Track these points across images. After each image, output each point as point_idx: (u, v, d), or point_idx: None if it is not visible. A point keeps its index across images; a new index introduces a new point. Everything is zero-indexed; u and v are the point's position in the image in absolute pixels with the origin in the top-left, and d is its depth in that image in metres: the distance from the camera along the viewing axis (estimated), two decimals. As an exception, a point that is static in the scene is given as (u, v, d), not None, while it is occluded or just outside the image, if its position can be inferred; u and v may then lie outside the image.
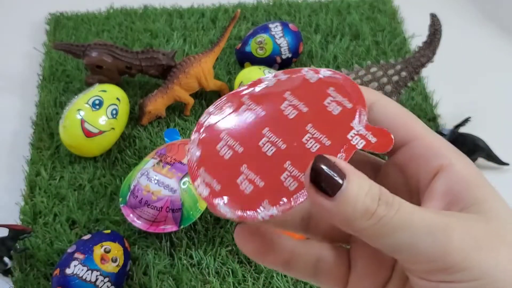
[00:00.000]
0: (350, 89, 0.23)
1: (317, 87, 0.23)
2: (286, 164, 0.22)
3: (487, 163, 0.67)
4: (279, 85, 0.23)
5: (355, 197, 0.19)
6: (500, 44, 0.83)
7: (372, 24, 0.84)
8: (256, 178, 0.22)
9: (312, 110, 0.22)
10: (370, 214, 0.19)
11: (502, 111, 0.74)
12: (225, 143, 0.22)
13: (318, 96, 0.23)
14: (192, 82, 0.69)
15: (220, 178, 0.22)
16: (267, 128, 0.22)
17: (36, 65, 0.80)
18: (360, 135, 0.22)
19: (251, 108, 0.23)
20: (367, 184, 0.19)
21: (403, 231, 0.19)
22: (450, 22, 0.73)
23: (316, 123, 0.22)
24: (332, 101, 0.23)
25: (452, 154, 0.22)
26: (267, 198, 0.21)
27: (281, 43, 0.74)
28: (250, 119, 0.23)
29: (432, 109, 0.73)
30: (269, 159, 0.22)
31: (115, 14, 0.85)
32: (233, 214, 0.21)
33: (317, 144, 0.22)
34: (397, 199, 0.19)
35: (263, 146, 0.22)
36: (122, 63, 0.70)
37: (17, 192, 0.64)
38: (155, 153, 0.61)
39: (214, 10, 0.86)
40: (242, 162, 0.22)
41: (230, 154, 0.22)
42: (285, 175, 0.21)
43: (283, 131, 0.22)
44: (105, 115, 0.64)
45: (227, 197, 0.21)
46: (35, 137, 0.69)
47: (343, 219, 0.19)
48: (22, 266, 0.57)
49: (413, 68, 0.66)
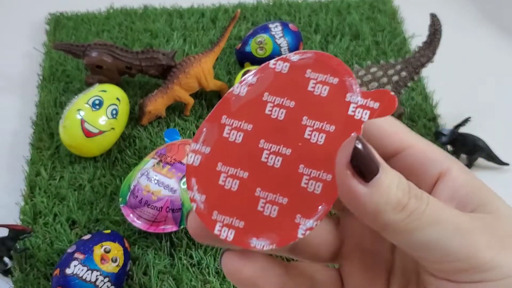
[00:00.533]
0: (328, 63, 0.21)
1: (293, 75, 0.21)
2: (300, 169, 0.20)
3: (487, 163, 0.67)
4: (252, 91, 0.21)
5: (389, 186, 0.18)
6: (500, 44, 0.83)
7: (372, 24, 0.84)
8: (277, 196, 0.20)
9: (300, 102, 0.20)
10: (401, 207, 0.18)
11: (502, 111, 0.74)
12: (226, 174, 0.20)
13: (298, 84, 0.21)
14: (192, 82, 0.69)
15: (239, 214, 0.20)
16: (262, 140, 0.20)
17: (36, 65, 0.80)
18: (361, 106, 0.20)
19: (235, 127, 0.21)
20: (397, 175, 0.19)
21: (433, 227, 0.18)
22: (450, 22, 0.73)
23: (310, 113, 0.20)
24: (316, 83, 0.20)
25: (448, 160, 0.21)
26: (299, 212, 0.19)
27: (281, 43, 0.74)
28: (240, 138, 0.20)
29: (432, 109, 0.73)
30: (281, 171, 0.20)
31: (115, 14, 0.85)
32: (271, 245, 0.19)
33: (322, 134, 0.20)
34: (425, 194, 0.19)
35: (268, 160, 0.20)
36: (122, 63, 0.70)
37: (17, 192, 0.64)
38: (155, 153, 0.61)
39: (214, 10, 0.86)
40: (254, 187, 0.20)
41: (237, 184, 0.20)
42: (305, 180, 0.20)
43: (281, 136, 0.20)
44: (105, 115, 0.64)
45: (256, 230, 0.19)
46: (35, 137, 0.69)
47: (374, 209, 0.18)
48: (22, 266, 0.57)
49: (413, 68, 0.66)
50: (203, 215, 0.20)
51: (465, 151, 0.66)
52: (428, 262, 0.19)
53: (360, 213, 0.19)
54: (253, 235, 0.19)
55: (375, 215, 0.18)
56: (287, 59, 0.21)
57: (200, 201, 0.20)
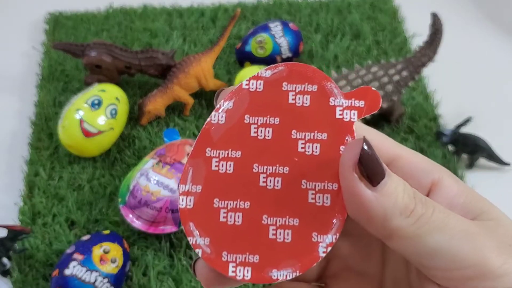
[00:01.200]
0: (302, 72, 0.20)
1: (270, 92, 0.20)
2: (303, 184, 0.19)
3: (488, 163, 0.67)
4: (231, 116, 0.20)
5: (395, 191, 0.17)
6: (501, 44, 0.83)
7: (372, 23, 0.84)
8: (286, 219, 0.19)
9: (284, 117, 0.20)
10: (409, 211, 0.18)
11: (503, 111, 0.74)
12: (226, 209, 0.19)
13: (278, 99, 0.20)
14: (192, 82, 0.69)
15: (251, 248, 0.19)
16: (255, 164, 0.19)
17: (35, 64, 0.80)
18: (348, 107, 0.20)
19: (223, 157, 0.20)
20: (401, 180, 0.18)
21: (442, 233, 0.18)
22: (451, 21, 0.73)
23: (298, 125, 0.20)
24: (295, 94, 0.20)
25: (438, 169, 0.21)
26: (314, 230, 0.19)
27: (281, 42, 0.73)
28: (231, 167, 0.19)
29: (433, 109, 0.72)
30: (283, 192, 0.19)
31: (114, 14, 0.85)
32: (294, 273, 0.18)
33: (316, 144, 0.19)
34: (430, 200, 0.19)
35: (267, 184, 0.19)
36: (122, 62, 0.69)
37: (16, 192, 0.64)
38: (154, 153, 0.60)
39: (214, 10, 0.86)
40: (260, 215, 0.19)
41: (241, 217, 0.19)
42: (311, 195, 0.19)
43: (273, 155, 0.19)
44: (104, 115, 0.64)
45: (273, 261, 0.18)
46: (34, 137, 0.69)
47: (381, 214, 0.17)
48: (21, 266, 0.57)
49: (414, 68, 0.65)
50: (212, 259, 0.19)
51: (466, 151, 0.66)
52: (435, 270, 0.19)
53: (367, 218, 0.18)
54: (272, 267, 0.18)
55: (382, 221, 0.18)
56: (260, 77, 0.20)
57: (205, 245, 0.19)
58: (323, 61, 0.78)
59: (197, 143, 0.20)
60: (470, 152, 0.66)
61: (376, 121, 0.70)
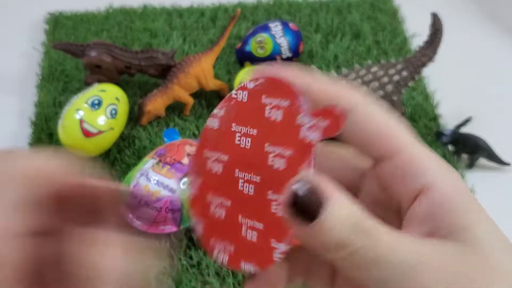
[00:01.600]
0: (279, 85, 0.21)
1: (252, 103, 0.21)
2: (269, 195, 0.20)
3: (488, 163, 0.67)
4: (222, 123, 0.22)
5: (331, 227, 0.18)
6: (501, 44, 0.83)
7: (372, 23, 0.84)
8: (254, 222, 0.21)
9: (260, 129, 0.21)
10: (345, 245, 0.18)
11: (504, 111, 0.74)
12: (215, 204, 0.22)
13: (257, 111, 0.21)
14: (192, 81, 0.69)
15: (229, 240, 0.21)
16: (237, 169, 0.21)
17: (35, 64, 0.80)
18: (311, 127, 0.20)
19: (215, 159, 0.22)
20: (346, 210, 0.18)
21: (378, 266, 0.18)
22: (451, 21, 0.73)
23: (270, 139, 0.21)
24: (271, 108, 0.21)
25: (436, 172, 0.20)
26: (273, 237, 0.20)
27: (281, 42, 0.73)
28: (220, 169, 0.22)
29: (433, 109, 0.72)
30: (254, 198, 0.21)
31: (114, 14, 0.85)
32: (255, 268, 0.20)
33: (281, 159, 0.20)
34: (376, 228, 0.18)
35: (244, 189, 0.21)
36: (122, 62, 0.69)
37: (15, 193, 0.64)
38: (154, 153, 0.60)
39: (214, 10, 0.86)
40: (237, 214, 0.21)
41: (224, 213, 0.21)
42: (274, 205, 0.20)
43: (250, 164, 0.21)
44: (104, 115, 0.64)
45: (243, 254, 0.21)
46: (34, 137, 0.69)
47: (318, 247, 0.18)
48: (21, 267, 0.57)
49: (414, 68, 0.65)
50: (204, 242, 0.22)
51: (466, 151, 0.66)
52: None
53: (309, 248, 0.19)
54: (241, 258, 0.21)
55: (321, 251, 0.18)
56: (245, 88, 0.21)
57: (200, 228, 0.22)
58: (323, 61, 0.78)
59: (199, 143, 0.23)
60: (470, 152, 0.66)
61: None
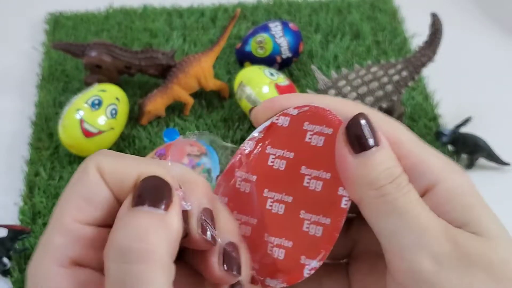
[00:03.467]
0: (323, 115, 0.22)
1: (293, 128, 0.23)
2: (301, 214, 0.22)
3: (488, 163, 0.67)
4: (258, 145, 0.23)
5: (379, 162, 0.19)
6: (501, 44, 0.83)
7: (372, 23, 0.84)
8: (282, 240, 0.22)
9: (298, 153, 0.22)
10: (377, 186, 0.19)
11: (503, 111, 0.74)
12: (240, 222, 0.23)
13: (297, 136, 0.22)
14: (192, 81, 0.69)
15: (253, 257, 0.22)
16: (266, 189, 0.22)
17: (35, 64, 0.80)
18: None
19: (243, 179, 0.23)
20: (392, 162, 0.20)
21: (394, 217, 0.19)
22: (451, 21, 0.73)
23: (307, 163, 0.22)
24: (312, 134, 0.22)
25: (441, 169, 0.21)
26: (303, 254, 0.21)
27: (281, 42, 0.73)
28: (248, 188, 0.23)
29: (432, 109, 0.72)
30: (284, 217, 0.22)
31: (114, 14, 0.85)
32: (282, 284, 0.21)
33: (319, 181, 0.22)
34: (409, 188, 0.20)
35: (272, 208, 0.22)
36: (122, 62, 0.70)
37: (16, 192, 0.64)
38: (154, 153, 0.61)
39: (214, 10, 0.86)
40: (263, 232, 0.22)
41: (250, 230, 0.22)
42: (306, 224, 0.21)
43: (282, 185, 0.22)
44: (105, 115, 0.64)
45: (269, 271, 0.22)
46: (34, 137, 0.69)
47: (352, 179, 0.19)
48: (21, 266, 0.57)
49: (413, 68, 0.65)
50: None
51: (466, 151, 0.66)
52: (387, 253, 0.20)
53: (344, 177, 0.20)
54: (267, 275, 0.22)
55: (353, 184, 0.20)
56: (288, 114, 0.23)
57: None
58: (323, 61, 0.78)
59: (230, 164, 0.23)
60: (469, 152, 0.66)
61: (376, 121, 0.70)
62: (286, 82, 0.68)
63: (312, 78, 0.75)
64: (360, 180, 0.19)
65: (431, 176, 0.21)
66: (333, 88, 0.63)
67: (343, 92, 0.62)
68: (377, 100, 0.63)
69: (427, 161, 0.21)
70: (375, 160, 0.19)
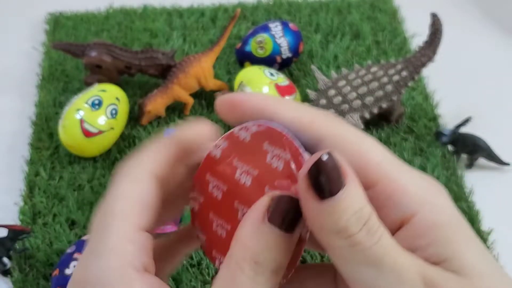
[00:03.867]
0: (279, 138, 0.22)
1: (255, 146, 0.22)
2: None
3: (487, 163, 0.67)
4: (224, 155, 0.23)
5: (346, 208, 0.17)
6: (501, 44, 0.83)
7: (372, 23, 0.84)
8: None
9: (261, 172, 0.22)
10: (347, 235, 0.17)
11: (503, 111, 0.74)
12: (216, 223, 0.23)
13: (260, 155, 0.22)
14: (192, 81, 0.69)
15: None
16: (236, 201, 0.22)
17: (36, 64, 0.80)
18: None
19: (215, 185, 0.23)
20: (360, 202, 0.18)
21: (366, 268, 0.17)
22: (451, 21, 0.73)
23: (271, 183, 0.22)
24: (272, 156, 0.22)
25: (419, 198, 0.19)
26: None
27: (281, 42, 0.73)
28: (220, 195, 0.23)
29: (432, 109, 0.72)
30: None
31: (114, 14, 0.85)
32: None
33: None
34: (382, 233, 0.18)
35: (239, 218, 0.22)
36: (122, 62, 0.70)
37: (16, 192, 0.64)
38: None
39: (214, 10, 0.86)
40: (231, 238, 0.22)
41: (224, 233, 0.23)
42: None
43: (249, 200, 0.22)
44: (105, 115, 0.64)
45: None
46: (34, 137, 0.69)
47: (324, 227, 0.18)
48: (22, 266, 0.57)
49: (413, 68, 0.65)
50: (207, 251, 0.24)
51: (466, 151, 0.66)
52: None
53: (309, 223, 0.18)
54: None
55: (320, 231, 0.18)
56: (248, 128, 0.23)
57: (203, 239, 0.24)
58: (323, 61, 0.78)
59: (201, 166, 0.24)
60: (469, 152, 0.66)
61: (376, 121, 0.70)
62: (286, 82, 0.68)
63: (312, 78, 0.75)
64: (328, 228, 0.17)
65: (408, 206, 0.19)
66: (333, 88, 0.63)
67: (343, 92, 0.63)
68: (377, 100, 0.63)
69: (403, 188, 0.19)
70: (342, 205, 0.17)
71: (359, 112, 0.62)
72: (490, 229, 0.61)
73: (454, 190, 0.64)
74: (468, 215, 0.61)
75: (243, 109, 0.22)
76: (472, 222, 0.61)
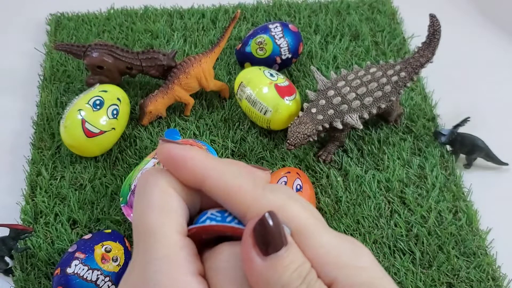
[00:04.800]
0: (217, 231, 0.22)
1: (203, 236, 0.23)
2: None
3: (486, 163, 0.67)
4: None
5: (286, 267, 0.18)
6: (499, 44, 0.84)
7: (371, 24, 0.84)
8: None
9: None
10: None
11: (502, 111, 0.74)
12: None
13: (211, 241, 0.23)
14: (193, 82, 0.69)
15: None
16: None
17: (37, 65, 0.80)
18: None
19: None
20: (300, 259, 0.19)
21: None
22: (450, 22, 0.73)
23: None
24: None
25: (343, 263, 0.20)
26: None
27: (281, 43, 0.74)
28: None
29: (431, 109, 0.73)
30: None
31: (115, 15, 0.85)
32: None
33: None
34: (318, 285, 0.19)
35: None
36: (123, 63, 0.70)
37: (18, 192, 0.65)
38: (155, 153, 0.61)
39: (214, 11, 0.86)
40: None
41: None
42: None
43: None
44: (106, 115, 0.64)
45: None
46: (36, 137, 0.70)
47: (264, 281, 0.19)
48: (23, 265, 0.57)
49: (412, 69, 0.66)
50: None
51: (464, 151, 0.67)
52: None
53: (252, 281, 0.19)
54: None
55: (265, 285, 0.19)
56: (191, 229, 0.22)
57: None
58: (323, 61, 0.78)
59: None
60: (468, 152, 0.67)
61: (375, 121, 0.70)
62: (286, 83, 0.69)
63: (311, 78, 0.76)
64: (271, 283, 0.18)
65: (331, 271, 0.20)
66: (332, 88, 0.64)
67: (342, 92, 0.63)
68: (376, 101, 0.64)
69: (327, 253, 0.20)
70: (285, 261, 0.18)
71: (358, 113, 0.63)
72: (489, 229, 0.61)
73: (452, 190, 0.64)
74: (466, 215, 0.62)
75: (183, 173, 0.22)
76: (471, 222, 0.61)
